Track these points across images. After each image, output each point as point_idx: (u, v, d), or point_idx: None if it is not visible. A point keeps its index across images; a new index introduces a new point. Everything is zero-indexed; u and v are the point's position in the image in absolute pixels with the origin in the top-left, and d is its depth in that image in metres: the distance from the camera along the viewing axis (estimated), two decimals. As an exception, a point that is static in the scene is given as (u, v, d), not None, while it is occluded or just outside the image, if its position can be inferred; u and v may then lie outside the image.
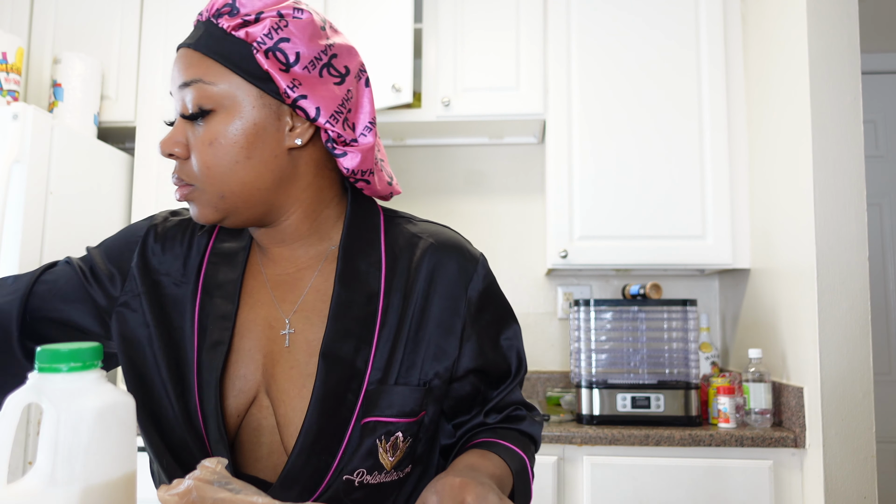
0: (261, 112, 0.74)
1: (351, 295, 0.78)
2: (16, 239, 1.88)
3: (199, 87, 0.72)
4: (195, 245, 0.83)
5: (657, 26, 2.27)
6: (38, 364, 0.51)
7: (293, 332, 0.78)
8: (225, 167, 0.74)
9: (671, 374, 2.05)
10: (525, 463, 0.80)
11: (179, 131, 0.74)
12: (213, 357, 0.76)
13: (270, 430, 0.76)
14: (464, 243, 0.86)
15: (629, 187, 2.23)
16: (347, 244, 0.81)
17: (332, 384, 0.74)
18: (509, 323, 0.86)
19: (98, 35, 2.42)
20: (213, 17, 0.74)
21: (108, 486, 0.51)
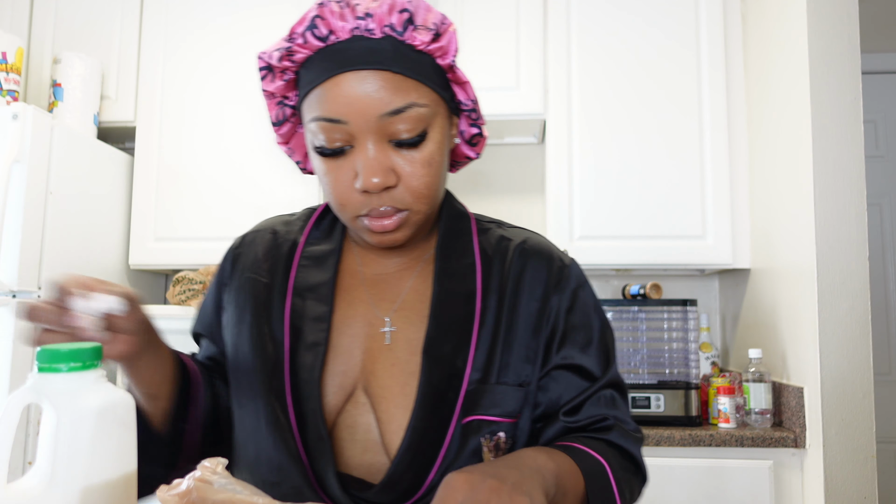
0: (446, 122, 0.77)
1: (449, 295, 0.79)
2: (16, 239, 1.88)
3: (416, 111, 0.71)
4: (283, 250, 0.85)
5: (657, 26, 2.27)
6: (38, 364, 0.51)
7: (394, 329, 0.79)
8: (438, 184, 0.76)
9: (671, 374, 2.04)
10: (604, 468, 0.73)
11: (385, 157, 0.71)
12: (311, 357, 0.76)
13: (366, 428, 0.76)
14: (553, 248, 0.86)
15: (629, 187, 2.23)
16: (444, 245, 0.82)
17: (434, 382, 0.74)
18: (598, 327, 0.83)
19: (98, 35, 2.42)
20: (395, 33, 0.71)
21: (108, 486, 0.51)
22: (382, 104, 0.70)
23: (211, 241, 2.32)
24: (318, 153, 0.74)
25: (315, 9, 0.72)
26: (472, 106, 0.79)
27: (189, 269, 2.34)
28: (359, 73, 0.70)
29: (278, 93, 0.79)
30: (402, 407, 0.75)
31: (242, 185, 2.33)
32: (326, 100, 0.71)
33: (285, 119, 0.81)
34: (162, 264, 2.34)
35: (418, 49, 0.72)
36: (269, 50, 0.76)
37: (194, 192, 2.34)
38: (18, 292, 1.90)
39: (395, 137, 0.71)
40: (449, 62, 0.74)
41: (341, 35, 0.71)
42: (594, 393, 0.79)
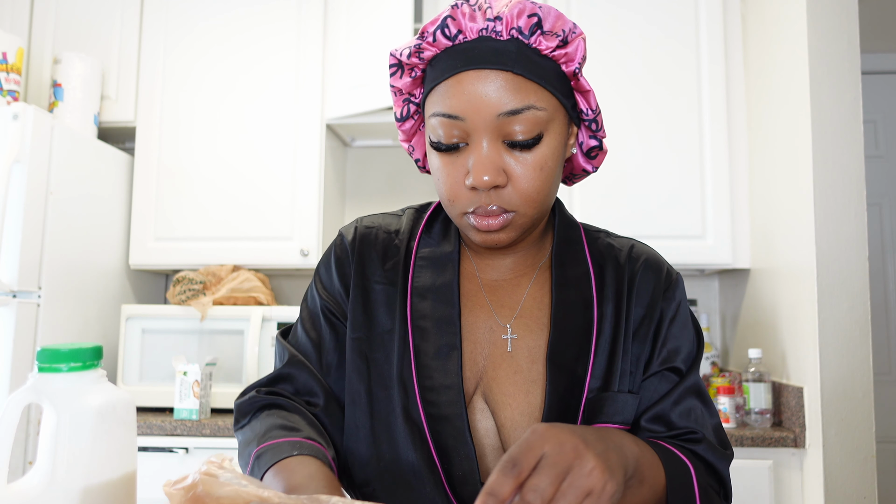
0: (564, 130, 0.76)
1: (569, 303, 0.80)
2: (16, 239, 1.88)
3: (533, 114, 0.71)
4: (399, 248, 0.84)
5: (657, 27, 2.27)
6: (39, 364, 0.51)
7: (516, 337, 0.79)
8: (549, 190, 0.75)
9: (671, 374, 2.04)
10: (688, 469, 0.72)
11: (497, 157, 0.72)
12: (447, 363, 0.76)
13: (485, 433, 0.76)
14: (662, 259, 0.88)
15: (629, 187, 2.23)
16: (560, 253, 0.83)
17: (560, 390, 0.75)
18: (694, 341, 0.83)
19: (98, 35, 2.42)
20: (522, 36, 0.72)
21: (108, 486, 0.51)
22: (501, 104, 0.70)
23: (211, 242, 2.32)
24: (435, 148, 0.75)
25: (448, 10, 0.74)
26: (594, 116, 0.79)
27: (189, 269, 2.34)
28: (481, 72, 0.71)
29: (405, 89, 0.80)
30: (526, 414, 0.75)
31: (243, 186, 2.33)
32: (448, 96, 0.72)
33: (409, 115, 0.83)
34: (162, 264, 2.34)
35: (543, 53, 0.72)
36: (400, 47, 0.78)
37: (194, 192, 2.34)
38: (18, 292, 1.90)
39: (509, 138, 0.72)
40: (573, 69, 0.74)
41: (469, 35, 0.72)
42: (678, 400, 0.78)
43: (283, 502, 0.49)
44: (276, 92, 2.36)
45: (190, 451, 1.96)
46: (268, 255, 2.30)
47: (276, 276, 2.63)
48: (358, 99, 2.26)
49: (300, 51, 2.36)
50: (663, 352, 0.81)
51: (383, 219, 0.89)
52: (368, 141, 2.67)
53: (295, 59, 2.36)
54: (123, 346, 2.19)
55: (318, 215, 2.31)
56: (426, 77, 0.77)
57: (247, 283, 2.25)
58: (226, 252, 2.31)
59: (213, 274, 2.27)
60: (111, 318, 2.30)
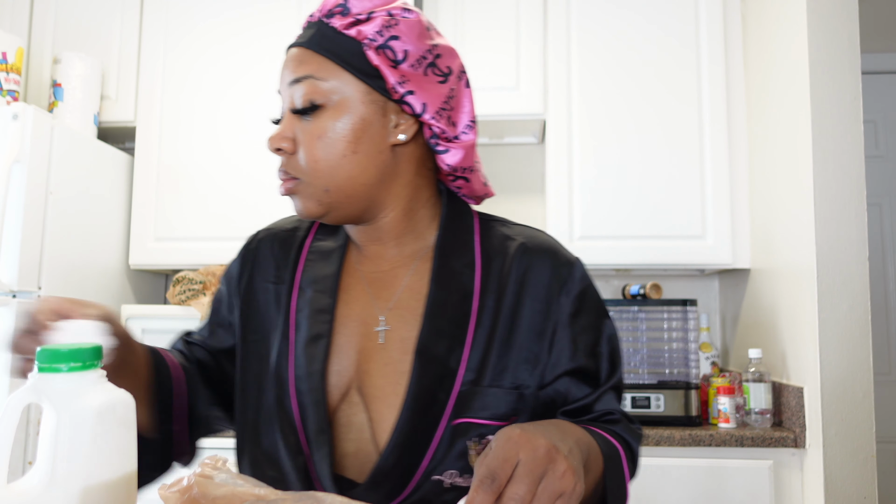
0: (368, 108, 0.77)
1: (445, 294, 0.79)
2: (16, 239, 1.88)
3: (311, 83, 0.75)
4: (291, 246, 0.86)
5: (657, 27, 2.27)
6: (38, 364, 0.51)
7: (388, 328, 0.79)
8: (332, 161, 0.76)
9: (671, 374, 2.05)
10: (618, 451, 0.75)
11: (288, 127, 0.77)
12: (314, 350, 0.77)
13: (359, 427, 0.76)
14: (558, 246, 0.85)
15: (629, 188, 2.23)
16: (442, 244, 0.82)
17: (426, 383, 0.74)
18: (603, 328, 0.83)
19: (98, 35, 2.42)
20: (324, 17, 0.77)
21: (108, 486, 0.51)
22: (289, 74, 0.78)
23: (211, 241, 2.32)
24: (276, 123, 0.82)
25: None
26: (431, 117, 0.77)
27: (189, 269, 2.34)
28: (290, 51, 0.79)
29: None
30: (393, 407, 0.75)
31: (242, 185, 2.33)
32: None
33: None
34: (162, 264, 2.34)
35: (340, 31, 0.76)
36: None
37: (194, 192, 2.34)
38: (18, 292, 1.90)
39: (292, 106, 0.77)
40: (371, 47, 0.75)
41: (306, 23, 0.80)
42: (599, 397, 0.80)
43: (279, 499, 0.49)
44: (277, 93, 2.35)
45: (190, 451, 1.96)
46: (268, 255, 2.29)
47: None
48: (358, 99, 2.25)
49: (300, 51, 2.36)
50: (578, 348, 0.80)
51: (284, 221, 0.93)
52: (368, 141, 2.66)
53: (295, 59, 2.36)
54: (123, 346, 2.18)
55: (318, 215, 2.30)
56: None
57: (247, 283, 2.25)
58: (226, 252, 2.29)
59: (213, 274, 2.27)
60: (111, 318, 2.29)
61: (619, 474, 0.73)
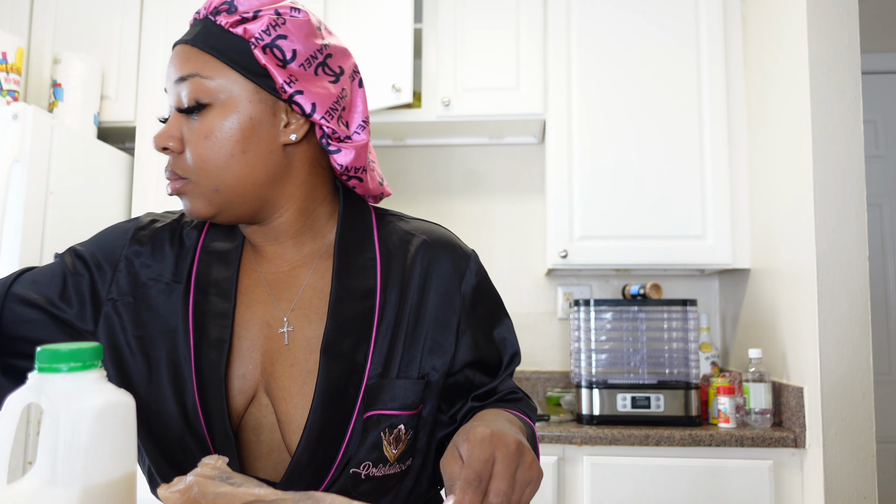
0: (257, 107, 0.75)
1: (348, 291, 0.79)
2: (16, 239, 1.88)
3: (196, 82, 0.74)
4: (184, 245, 0.83)
5: (657, 26, 2.27)
6: (38, 364, 0.51)
7: (292, 329, 0.78)
8: (220, 161, 0.75)
9: (671, 374, 2.05)
10: (534, 430, 0.81)
11: (174, 126, 0.76)
12: (214, 355, 0.76)
13: (270, 429, 0.76)
14: (456, 240, 0.88)
15: (629, 187, 2.23)
16: (342, 241, 0.82)
17: (333, 379, 0.75)
18: (501, 316, 0.88)
19: (98, 35, 2.42)
20: (210, 14, 0.76)
21: (108, 486, 0.51)
22: (174, 72, 0.76)
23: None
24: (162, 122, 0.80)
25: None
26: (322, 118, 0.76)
27: (189, 269, 2.34)
28: (176, 48, 0.77)
29: None
30: (300, 407, 0.75)
31: (242, 185, 2.33)
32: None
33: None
34: (162, 264, 2.34)
35: (227, 29, 0.75)
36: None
37: (194, 192, 2.34)
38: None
39: (178, 105, 0.76)
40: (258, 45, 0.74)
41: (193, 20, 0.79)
42: (501, 381, 0.86)
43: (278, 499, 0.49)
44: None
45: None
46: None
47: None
48: (358, 99, 2.25)
49: (300, 51, 2.36)
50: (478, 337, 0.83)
51: (178, 212, 0.88)
52: (368, 141, 2.66)
53: (295, 59, 2.36)
54: (123, 346, 2.18)
55: (318, 215, 2.31)
56: None
57: (246, 283, 2.25)
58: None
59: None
60: (111, 318, 2.29)
61: (536, 451, 0.78)
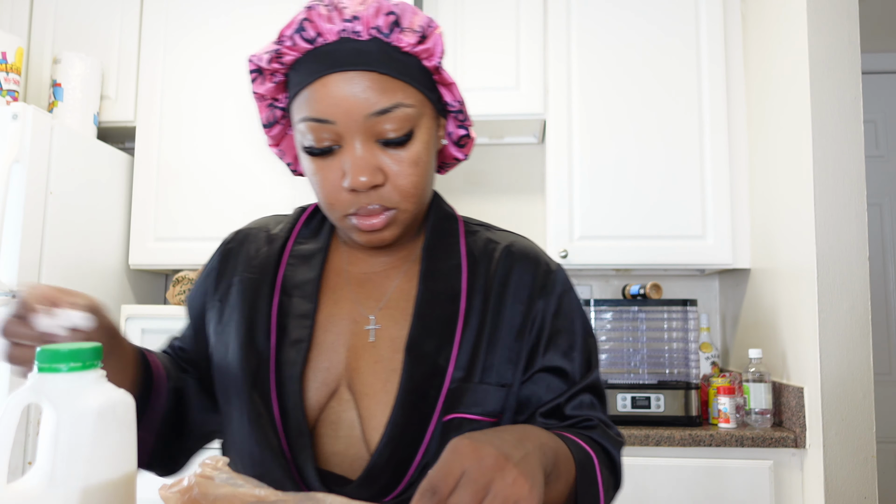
0: (433, 123, 0.78)
1: (434, 294, 0.80)
2: (16, 239, 1.88)
3: (402, 112, 0.73)
4: (273, 248, 0.85)
5: (657, 26, 2.27)
6: (38, 364, 0.51)
7: (379, 327, 0.80)
8: (425, 184, 0.77)
9: (671, 375, 2.04)
10: (591, 459, 0.73)
11: (374, 157, 0.73)
12: (294, 353, 0.77)
13: (349, 424, 0.76)
14: (540, 253, 0.87)
15: (629, 187, 2.23)
16: (430, 246, 0.83)
17: (416, 379, 0.75)
18: (581, 332, 0.83)
19: (98, 35, 2.42)
20: (381, 35, 0.73)
21: (108, 486, 0.51)
22: (369, 104, 0.71)
23: (211, 241, 2.30)
24: (308, 153, 0.76)
25: (303, 12, 0.73)
26: (459, 107, 0.81)
27: (189, 269, 2.34)
28: (346, 74, 0.72)
29: (268, 95, 0.80)
30: (383, 403, 0.76)
31: (243, 185, 2.33)
32: (314, 100, 0.73)
33: (276, 121, 0.83)
34: (162, 264, 2.34)
35: (404, 51, 0.74)
36: (259, 53, 0.77)
37: (194, 191, 2.34)
38: (18, 292, 1.90)
39: (381, 137, 0.73)
40: (435, 64, 0.76)
41: (329, 37, 0.73)
42: (573, 396, 0.80)
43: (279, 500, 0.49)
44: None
45: (190, 451, 1.96)
46: (268, 255, 2.29)
47: (276, 276, 2.63)
48: (358, 99, 2.26)
49: (300, 51, 2.36)
50: (553, 348, 0.81)
51: (268, 220, 0.91)
52: (368, 141, 2.67)
53: (295, 59, 2.36)
54: (123, 346, 2.18)
55: (318, 215, 2.31)
56: (290, 81, 0.77)
57: (247, 283, 2.25)
58: (226, 252, 2.30)
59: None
60: (111, 318, 2.29)
61: (593, 482, 0.72)
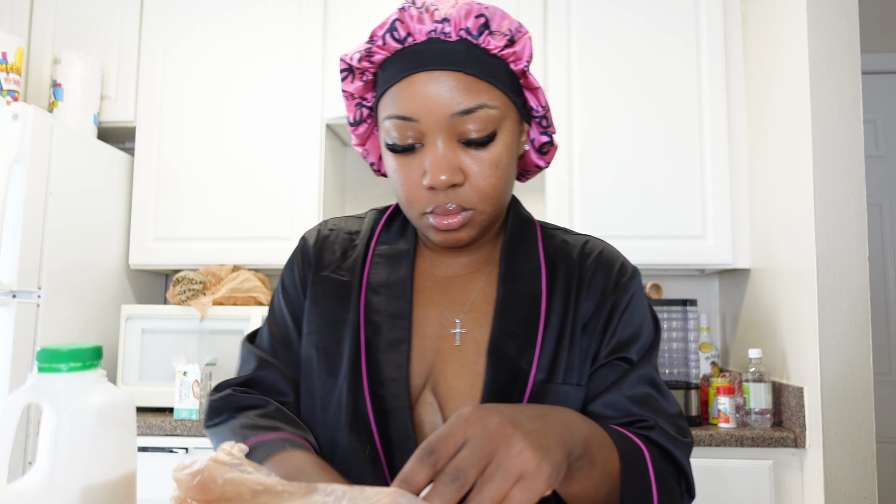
0: (516, 127, 0.78)
1: (514, 297, 0.80)
2: (16, 239, 1.88)
3: (486, 113, 0.73)
4: (357, 246, 0.86)
5: (658, 26, 2.27)
6: (39, 364, 0.51)
7: (465, 331, 0.80)
8: (505, 187, 0.77)
9: (671, 374, 2.04)
10: (642, 452, 0.70)
11: (453, 156, 0.73)
12: (395, 356, 0.77)
13: (433, 427, 0.77)
14: (618, 255, 0.88)
15: (629, 187, 2.23)
16: (510, 249, 0.84)
17: (500, 382, 0.76)
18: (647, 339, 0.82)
19: (98, 35, 2.42)
20: (470, 36, 0.73)
21: (108, 486, 0.51)
22: (454, 104, 0.72)
23: (211, 241, 2.32)
24: (390, 150, 0.76)
25: (396, 13, 0.75)
26: (543, 113, 0.80)
27: (189, 269, 2.34)
28: (432, 74, 0.72)
29: (357, 94, 0.81)
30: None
31: (243, 185, 2.33)
32: (400, 98, 0.74)
33: (362, 120, 0.83)
34: (162, 264, 2.34)
35: (492, 53, 0.74)
36: (351, 52, 0.79)
37: (194, 191, 2.34)
38: (18, 292, 1.90)
39: (464, 137, 0.73)
40: (521, 67, 0.76)
41: (418, 37, 0.74)
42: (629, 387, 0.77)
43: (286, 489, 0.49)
44: (276, 93, 2.36)
45: (190, 451, 1.96)
46: (268, 255, 2.30)
47: (276, 276, 2.63)
48: (358, 99, 2.25)
49: (300, 51, 2.36)
50: (612, 342, 0.80)
51: (346, 221, 0.91)
52: (368, 141, 2.66)
53: (295, 59, 2.36)
54: (123, 347, 2.18)
55: (318, 215, 2.31)
56: (378, 80, 0.78)
57: (247, 283, 2.25)
58: (226, 252, 2.31)
59: (213, 274, 2.27)
60: (111, 318, 2.30)
61: (643, 474, 0.68)
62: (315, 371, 0.81)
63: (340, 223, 0.91)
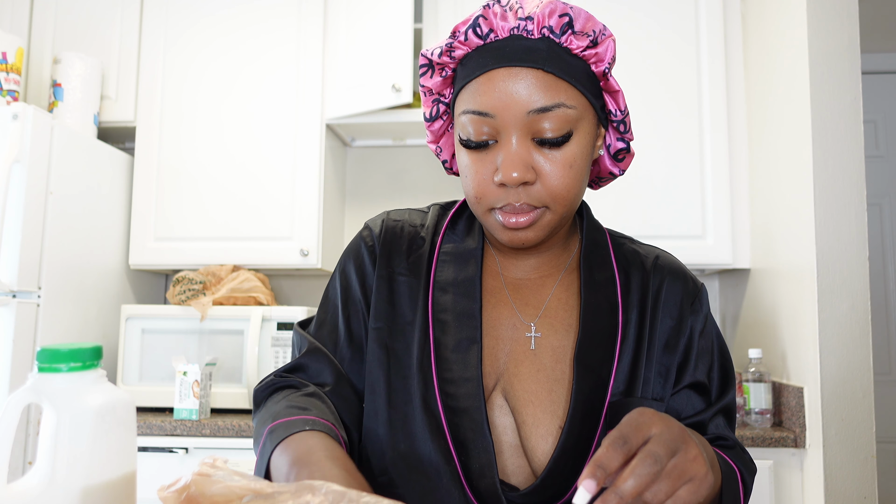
0: (593, 130, 0.77)
1: (597, 306, 0.80)
2: (16, 239, 1.88)
3: (563, 112, 0.71)
4: (423, 242, 0.85)
5: (657, 26, 2.26)
6: (39, 364, 0.51)
7: (539, 335, 0.79)
8: (578, 188, 0.75)
9: (671, 374, 2.04)
10: (735, 472, 0.74)
11: (527, 154, 0.72)
12: (466, 355, 0.77)
13: (502, 429, 0.76)
14: (686, 269, 0.88)
15: (629, 187, 2.22)
16: (587, 256, 0.83)
17: (586, 390, 0.75)
18: (719, 352, 0.85)
19: (98, 35, 2.42)
20: (553, 35, 0.72)
21: (108, 486, 0.51)
22: (531, 101, 0.71)
23: (211, 241, 2.32)
24: (464, 146, 0.75)
25: (480, 10, 0.74)
26: (622, 117, 0.79)
27: (189, 269, 2.34)
28: (511, 70, 0.71)
29: (435, 89, 0.80)
30: (549, 412, 0.75)
31: (243, 186, 2.33)
32: (477, 93, 0.73)
33: (437, 116, 0.83)
34: (162, 264, 2.34)
35: (574, 53, 0.73)
36: (432, 47, 0.78)
37: (194, 191, 2.34)
38: (18, 292, 1.90)
39: (539, 135, 0.72)
40: (603, 69, 0.75)
41: (500, 34, 0.73)
42: (711, 417, 0.81)
43: (276, 490, 0.49)
44: (276, 93, 2.36)
45: (190, 451, 1.96)
46: (268, 255, 2.30)
47: (276, 276, 2.63)
48: (357, 99, 2.26)
49: (300, 51, 2.36)
50: (699, 366, 0.81)
51: (409, 214, 0.89)
52: (368, 141, 2.67)
53: (294, 59, 2.36)
54: (123, 346, 2.19)
55: (317, 215, 2.31)
56: (457, 76, 0.78)
57: (247, 283, 2.25)
58: (226, 252, 2.31)
59: (213, 274, 2.27)
60: (111, 318, 2.30)
61: (736, 494, 0.72)
62: (381, 368, 0.79)
63: (404, 215, 0.89)
